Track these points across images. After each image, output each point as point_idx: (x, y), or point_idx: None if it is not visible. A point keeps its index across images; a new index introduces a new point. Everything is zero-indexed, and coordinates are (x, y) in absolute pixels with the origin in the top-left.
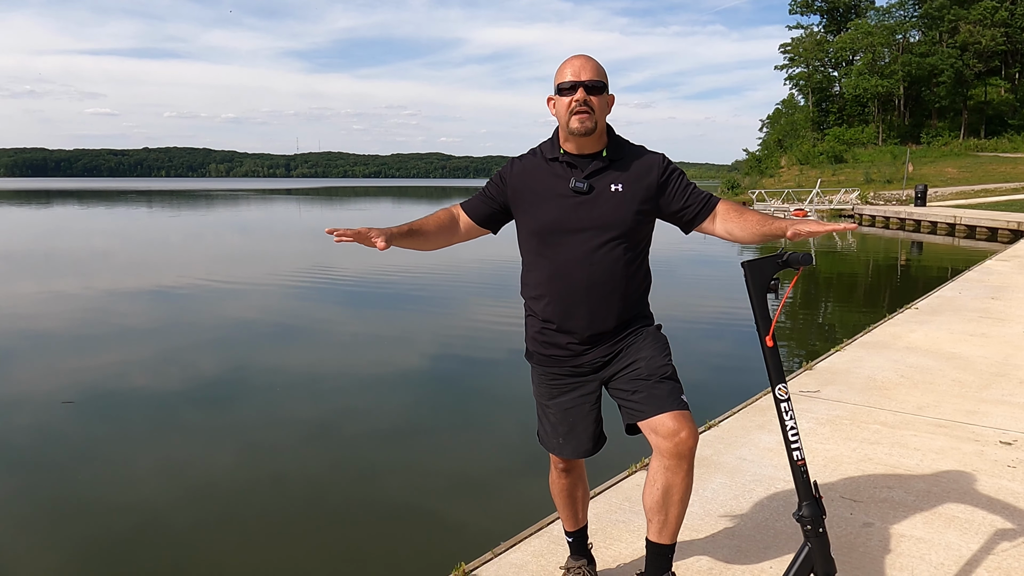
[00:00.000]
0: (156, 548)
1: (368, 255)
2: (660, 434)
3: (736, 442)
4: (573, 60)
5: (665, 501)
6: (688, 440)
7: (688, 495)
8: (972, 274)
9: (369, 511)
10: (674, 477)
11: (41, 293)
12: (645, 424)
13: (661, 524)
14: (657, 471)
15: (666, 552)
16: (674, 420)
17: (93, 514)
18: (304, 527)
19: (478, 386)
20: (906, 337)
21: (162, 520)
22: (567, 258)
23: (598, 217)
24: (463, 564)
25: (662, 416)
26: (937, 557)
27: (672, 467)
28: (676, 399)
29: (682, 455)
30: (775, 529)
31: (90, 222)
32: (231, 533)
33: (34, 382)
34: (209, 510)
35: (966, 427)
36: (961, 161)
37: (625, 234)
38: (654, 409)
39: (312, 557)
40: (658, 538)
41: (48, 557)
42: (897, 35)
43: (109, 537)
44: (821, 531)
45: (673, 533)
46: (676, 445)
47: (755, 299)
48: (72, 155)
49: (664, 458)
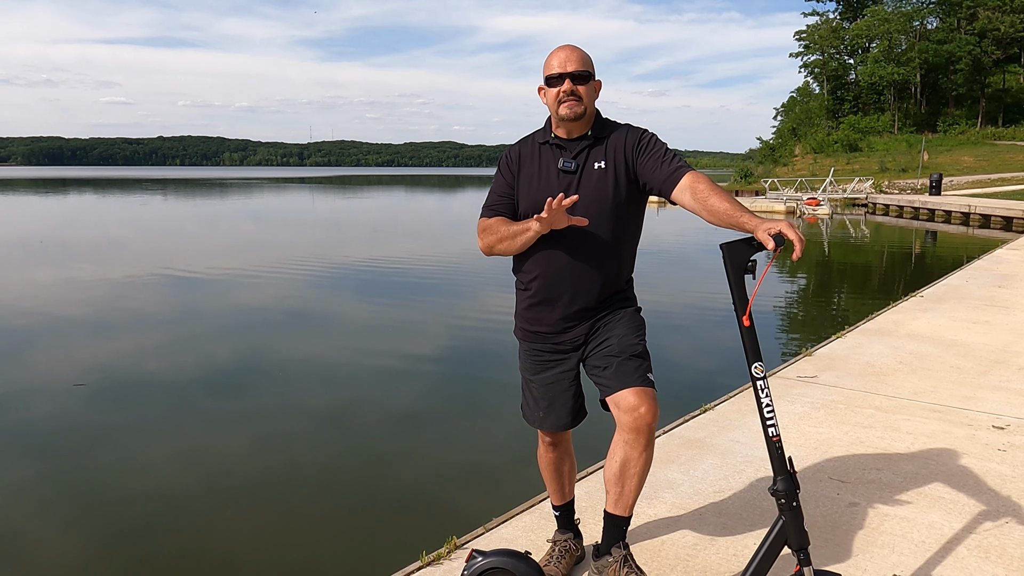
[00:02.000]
0: (172, 532)
1: (378, 245)
2: (621, 408)
3: (730, 425)
4: (559, 52)
5: (622, 474)
6: (646, 416)
7: (645, 470)
8: (981, 262)
9: (376, 495)
10: (632, 451)
11: (58, 280)
12: (610, 399)
13: (617, 496)
14: (617, 444)
15: (621, 524)
16: (635, 396)
17: (110, 499)
18: (316, 511)
19: (485, 374)
20: (908, 324)
21: (178, 504)
22: (553, 236)
23: (583, 194)
24: (454, 538)
25: (625, 392)
26: (919, 535)
27: (630, 441)
28: (641, 376)
29: (639, 430)
30: (762, 508)
31: (106, 210)
32: (245, 516)
33: (51, 368)
34: (224, 495)
35: (960, 412)
36: (978, 150)
37: (609, 210)
38: (619, 384)
39: (323, 540)
40: (614, 509)
41: (66, 541)
42: (914, 22)
43: (126, 521)
44: (795, 504)
45: (628, 506)
46: (635, 420)
47: (733, 280)
48: (88, 144)
49: (624, 432)
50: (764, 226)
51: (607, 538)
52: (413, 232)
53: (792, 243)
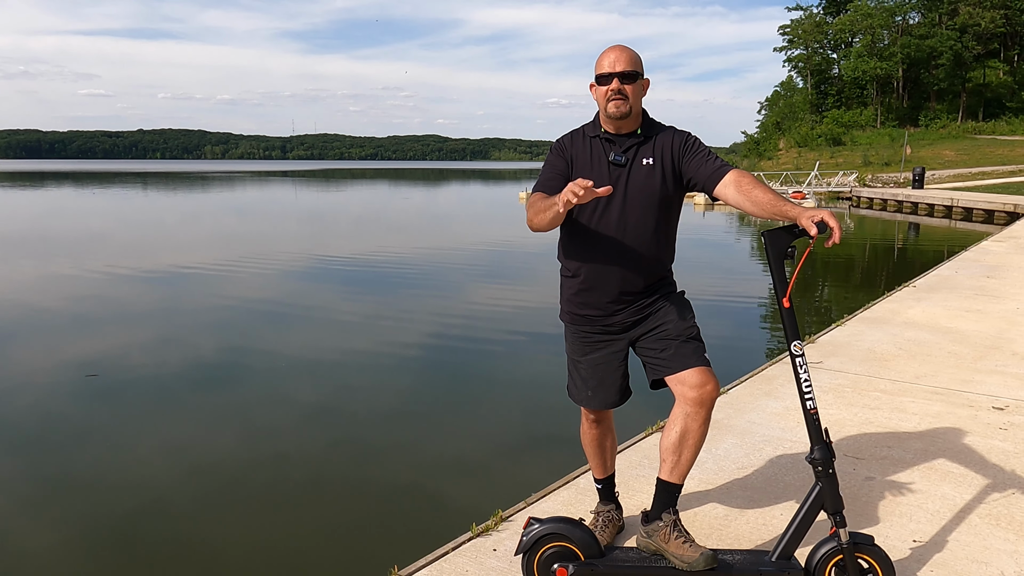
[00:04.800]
0: (159, 525)
1: (365, 238)
2: (687, 384)
3: (745, 408)
4: (610, 52)
5: (681, 444)
6: (713, 392)
7: (701, 442)
8: (969, 254)
9: (368, 488)
10: (692, 423)
11: (39, 276)
12: (673, 378)
13: (674, 464)
14: (677, 416)
15: (674, 491)
16: (700, 374)
17: (96, 492)
18: (305, 505)
19: (477, 366)
20: (904, 313)
21: (164, 498)
22: (604, 224)
23: (632, 187)
24: (500, 511)
25: (690, 371)
26: (933, 506)
27: (692, 414)
28: (701, 356)
29: (704, 403)
30: (784, 482)
31: (85, 204)
32: (233, 511)
33: (35, 363)
34: (211, 488)
35: (961, 394)
36: (959, 144)
37: (656, 203)
38: (681, 365)
39: (312, 534)
40: (669, 476)
41: (52, 534)
42: (896, 17)
43: (112, 515)
44: (831, 471)
45: (683, 474)
46: (701, 395)
47: (773, 265)
48: (67, 137)
49: (687, 405)
50: (807, 214)
51: (658, 504)
52: (397, 226)
53: (832, 230)
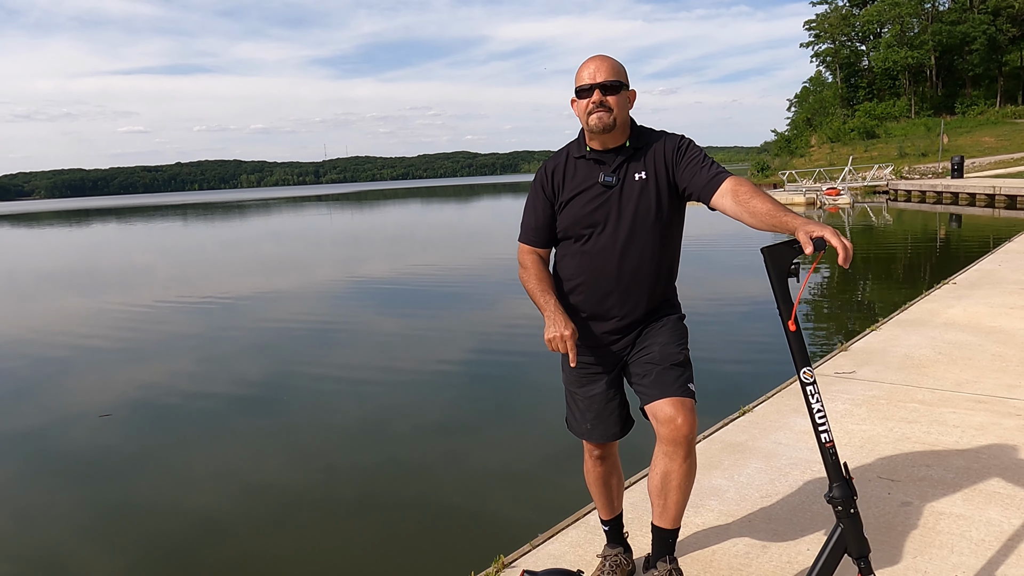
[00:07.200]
0: (216, 547)
1: (401, 256)
2: (659, 419)
3: (771, 427)
4: (589, 62)
5: (664, 486)
6: (683, 427)
7: (688, 482)
8: (1012, 245)
9: (414, 508)
10: (671, 463)
11: (88, 308)
12: (649, 408)
13: (661, 508)
14: (657, 456)
15: (667, 536)
16: (672, 406)
17: (154, 517)
18: (354, 524)
19: (515, 382)
20: (944, 313)
21: (218, 521)
22: (598, 250)
23: (625, 209)
24: (502, 556)
25: (662, 401)
26: (978, 534)
27: (669, 453)
28: (681, 386)
29: (677, 441)
30: (811, 511)
31: (130, 238)
32: (285, 530)
33: (87, 393)
34: (264, 509)
35: (1007, 402)
36: (998, 129)
37: (653, 222)
38: (658, 393)
39: (362, 553)
40: (659, 522)
41: (113, 560)
42: (926, 4)
43: (170, 539)
44: (853, 511)
45: (673, 518)
46: (672, 431)
47: (776, 284)
48: (108, 174)
49: (663, 444)
50: (806, 228)
51: (654, 551)
52: (432, 243)
53: (835, 249)
